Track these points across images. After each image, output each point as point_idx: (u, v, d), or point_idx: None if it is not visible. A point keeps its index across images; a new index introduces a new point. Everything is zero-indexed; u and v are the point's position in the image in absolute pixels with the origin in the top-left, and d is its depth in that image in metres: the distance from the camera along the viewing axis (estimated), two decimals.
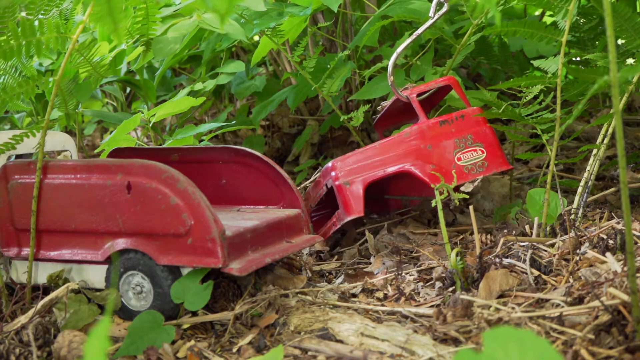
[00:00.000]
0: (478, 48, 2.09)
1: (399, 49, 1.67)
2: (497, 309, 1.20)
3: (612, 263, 1.24)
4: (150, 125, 1.90)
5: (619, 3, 1.51)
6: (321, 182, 1.68)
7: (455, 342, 1.14)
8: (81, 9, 1.73)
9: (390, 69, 1.66)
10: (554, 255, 1.37)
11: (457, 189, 1.50)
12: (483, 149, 1.57)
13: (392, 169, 1.60)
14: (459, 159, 1.56)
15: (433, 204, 1.43)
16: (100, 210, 1.32)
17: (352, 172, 1.60)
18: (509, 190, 1.85)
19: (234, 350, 1.21)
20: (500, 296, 1.28)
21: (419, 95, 1.66)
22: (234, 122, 2.33)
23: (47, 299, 1.28)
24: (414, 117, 1.73)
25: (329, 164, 1.64)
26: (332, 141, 2.60)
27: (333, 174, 1.62)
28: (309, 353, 1.16)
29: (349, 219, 1.59)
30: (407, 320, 1.27)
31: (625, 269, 1.19)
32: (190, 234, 1.25)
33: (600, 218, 1.54)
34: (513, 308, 1.19)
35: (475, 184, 1.56)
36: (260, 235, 1.36)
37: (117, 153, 1.67)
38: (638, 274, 1.10)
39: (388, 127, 1.96)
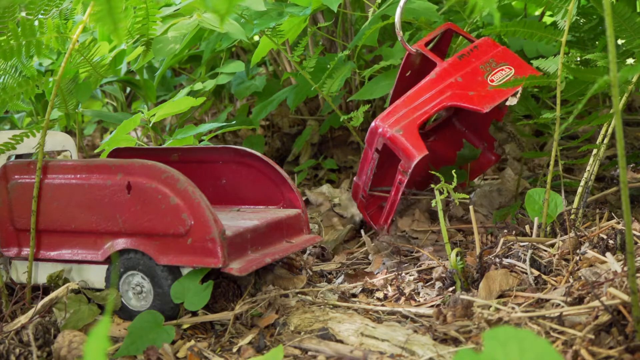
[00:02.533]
0: None
1: (402, 2, 1.66)
2: (497, 309, 1.20)
3: (612, 263, 1.24)
4: (150, 125, 1.89)
5: (618, 3, 1.51)
6: (369, 152, 1.63)
7: (455, 342, 1.14)
8: (81, 9, 1.73)
9: (397, 24, 1.66)
10: (554, 255, 1.37)
11: (497, 113, 1.44)
12: (510, 66, 1.57)
13: (435, 108, 1.57)
14: (492, 81, 1.56)
15: (433, 204, 1.43)
16: (100, 210, 1.32)
17: (398, 121, 1.56)
18: (516, 184, 1.87)
19: (234, 350, 1.21)
20: (500, 296, 1.28)
21: (426, 45, 1.67)
22: (234, 122, 2.33)
23: (47, 299, 1.28)
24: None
25: (372, 126, 1.59)
26: (332, 141, 2.60)
27: (380, 130, 1.56)
28: (309, 353, 1.16)
29: (414, 162, 1.52)
30: (407, 320, 1.27)
31: (625, 269, 1.19)
32: (190, 234, 1.25)
33: (600, 218, 1.54)
34: (513, 308, 1.19)
35: (518, 96, 1.56)
36: (260, 235, 1.37)
37: (117, 153, 1.67)
38: (638, 274, 1.10)
39: None
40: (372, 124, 1.59)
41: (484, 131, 1.90)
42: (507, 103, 1.56)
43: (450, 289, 1.37)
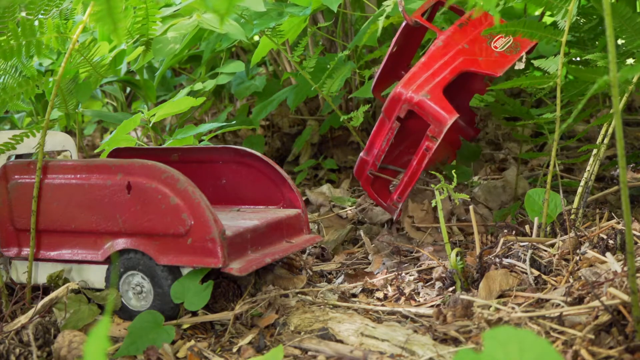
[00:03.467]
0: None
1: None
2: (497, 309, 1.20)
3: (612, 263, 1.24)
4: (150, 125, 1.89)
5: (618, 3, 1.51)
6: (387, 123, 1.59)
7: (455, 342, 1.14)
8: (81, 9, 1.73)
9: None
10: (554, 255, 1.37)
11: (480, 87, 1.44)
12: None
13: (452, 74, 1.54)
14: (496, 47, 1.55)
15: (433, 204, 1.43)
16: (100, 210, 1.32)
17: (422, 86, 1.53)
18: (514, 184, 1.86)
19: (234, 350, 1.21)
20: (500, 296, 1.28)
21: (422, 15, 1.66)
22: (234, 122, 2.33)
23: (47, 299, 1.28)
24: (407, 68, 1.72)
25: (393, 93, 1.56)
26: (332, 141, 2.60)
27: (405, 96, 1.52)
28: (309, 353, 1.16)
29: (447, 126, 1.48)
30: (407, 320, 1.27)
31: (625, 269, 1.19)
32: (190, 234, 1.25)
33: (600, 218, 1.53)
34: (513, 308, 1.19)
35: (523, 60, 1.55)
36: (260, 235, 1.37)
37: (117, 153, 1.67)
38: (638, 274, 1.10)
39: (385, 88, 1.92)
40: (393, 91, 1.55)
41: (464, 107, 1.86)
42: (516, 67, 1.55)
43: (450, 289, 1.37)
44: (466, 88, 1.82)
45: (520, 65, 1.55)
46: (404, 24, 1.71)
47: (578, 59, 1.80)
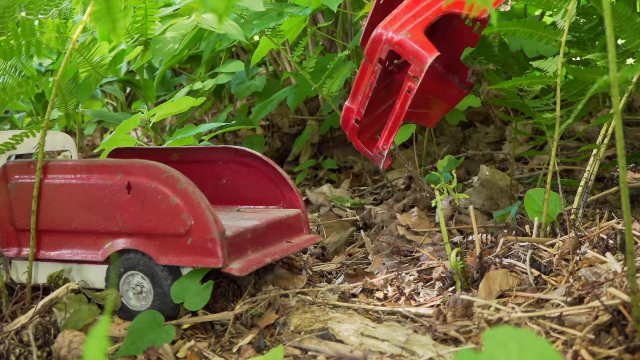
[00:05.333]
0: (478, 48, 2.09)
1: None
2: (497, 309, 1.20)
3: (612, 263, 1.24)
4: (150, 125, 1.89)
5: (618, 3, 1.51)
6: (369, 66, 1.55)
7: (455, 342, 1.14)
8: (80, 8, 1.73)
9: None
10: (554, 255, 1.37)
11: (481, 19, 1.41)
12: None
13: (435, 14, 1.51)
14: None
15: (433, 204, 1.43)
16: (100, 210, 1.32)
17: (403, 26, 1.50)
18: (509, 185, 1.86)
19: (234, 350, 1.21)
20: (500, 296, 1.28)
21: None
22: (234, 122, 2.33)
23: (47, 299, 1.28)
24: None
25: (374, 34, 1.52)
26: (332, 141, 2.60)
27: (386, 36, 1.49)
28: (309, 353, 1.16)
29: (427, 64, 1.45)
30: (407, 320, 1.27)
31: (625, 269, 1.19)
32: (190, 234, 1.25)
33: (600, 218, 1.54)
34: (513, 308, 1.19)
35: (509, 3, 1.52)
36: (260, 235, 1.37)
37: (117, 153, 1.67)
38: (638, 274, 1.10)
39: None
40: (375, 32, 1.52)
41: (455, 62, 1.82)
42: (502, 9, 1.52)
43: (450, 289, 1.37)
44: (456, 41, 1.79)
45: (506, 8, 1.52)
46: None
47: (578, 59, 1.80)
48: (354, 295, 1.43)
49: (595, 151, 1.56)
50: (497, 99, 1.64)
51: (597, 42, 1.72)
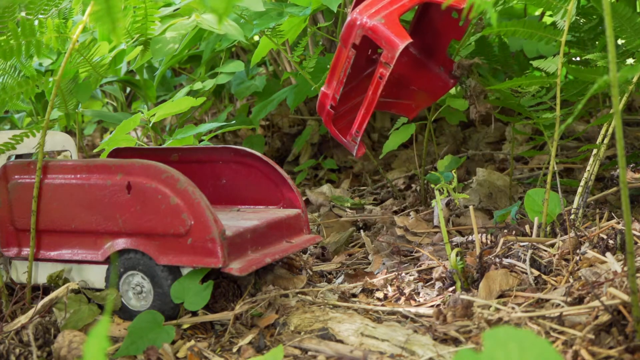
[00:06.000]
0: (478, 48, 2.09)
1: None
2: (497, 309, 1.20)
3: (612, 263, 1.24)
4: (150, 125, 1.89)
5: (618, 3, 1.51)
6: (343, 51, 1.53)
7: (455, 342, 1.14)
8: (80, 8, 1.73)
9: None
10: (554, 255, 1.37)
11: (456, 32, 1.44)
12: None
13: (412, 1, 1.50)
14: None
15: (433, 204, 1.43)
16: (100, 210, 1.32)
17: (378, 12, 1.48)
18: (508, 184, 1.85)
19: (234, 350, 1.21)
20: (500, 296, 1.28)
21: None
22: (234, 122, 2.33)
23: (47, 299, 1.28)
24: None
25: (349, 19, 1.51)
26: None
27: (360, 22, 1.48)
28: (309, 353, 1.16)
29: (398, 50, 1.44)
30: (407, 320, 1.26)
31: (625, 269, 1.19)
32: (190, 234, 1.25)
33: (600, 218, 1.54)
34: (513, 308, 1.19)
35: None
36: (260, 235, 1.36)
37: (117, 153, 1.67)
38: (638, 274, 1.10)
39: None
40: (349, 17, 1.51)
41: (440, 54, 1.81)
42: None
43: (450, 289, 1.37)
44: (442, 34, 1.78)
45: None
46: None
47: (578, 59, 1.80)
48: (354, 295, 1.43)
49: (595, 151, 1.56)
50: (487, 98, 1.63)
51: (597, 42, 1.72)
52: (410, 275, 1.49)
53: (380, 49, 1.64)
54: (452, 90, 1.80)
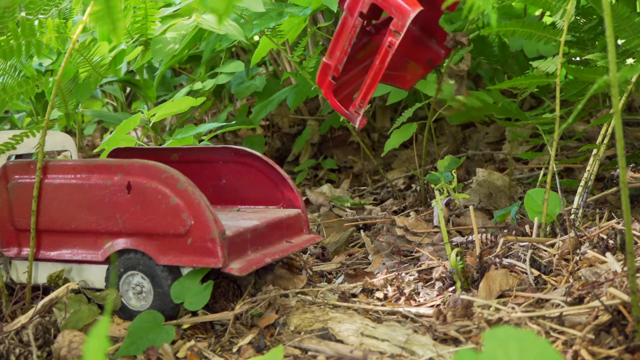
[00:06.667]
0: (478, 48, 2.09)
1: None
2: (497, 309, 1.20)
3: (612, 263, 1.24)
4: (150, 125, 1.90)
5: (618, 3, 1.51)
6: (349, 20, 1.49)
7: (455, 342, 1.14)
8: (80, 8, 1.73)
9: None
10: (554, 255, 1.37)
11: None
12: None
13: None
14: None
15: (433, 204, 1.43)
16: (100, 210, 1.32)
17: None
18: (507, 185, 1.85)
19: (234, 350, 1.21)
20: (500, 296, 1.28)
21: None
22: (234, 122, 2.33)
23: (47, 299, 1.28)
24: None
25: None
26: (332, 141, 2.60)
27: None
28: (309, 353, 1.16)
29: (410, 18, 1.40)
30: (407, 320, 1.27)
31: (625, 269, 1.19)
32: (190, 234, 1.25)
33: (600, 218, 1.54)
34: (513, 308, 1.19)
35: None
36: (260, 235, 1.36)
37: (117, 153, 1.67)
38: (638, 274, 1.10)
39: None
40: None
41: (433, 26, 1.77)
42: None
43: (450, 289, 1.37)
44: (434, 6, 1.77)
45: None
46: None
47: (578, 59, 1.80)
48: (354, 295, 1.43)
49: (595, 151, 1.56)
50: (496, 108, 1.63)
51: (597, 42, 1.72)
52: (410, 275, 1.49)
53: (374, 20, 1.63)
54: (453, 91, 1.80)
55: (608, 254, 1.28)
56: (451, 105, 1.89)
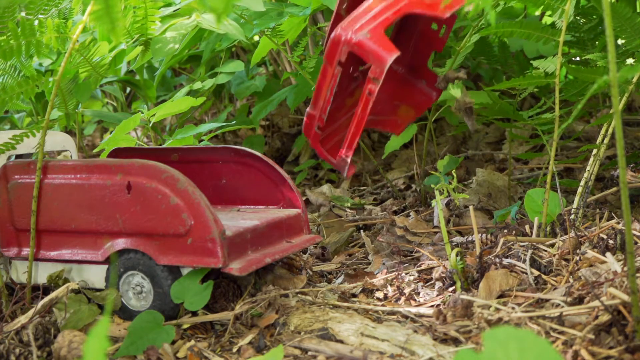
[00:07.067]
0: (478, 48, 2.09)
1: None
2: (497, 309, 1.20)
3: (612, 263, 1.24)
4: (150, 125, 1.89)
5: (618, 3, 1.51)
6: (329, 69, 1.51)
7: (455, 342, 1.14)
8: (80, 8, 1.73)
9: None
10: (554, 255, 1.37)
11: (447, 21, 1.41)
12: None
13: (395, 15, 1.46)
14: None
15: (433, 204, 1.43)
16: (100, 210, 1.32)
17: (363, 27, 1.45)
18: (508, 185, 1.85)
19: (234, 350, 1.21)
20: (500, 296, 1.28)
21: None
22: (234, 122, 2.33)
23: (47, 299, 1.28)
24: None
25: (333, 36, 1.48)
26: None
27: (345, 37, 1.46)
28: (309, 353, 1.16)
29: (387, 64, 1.41)
30: (407, 320, 1.27)
31: (625, 269, 1.19)
32: (190, 234, 1.25)
33: (600, 218, 1.54)
34: (513, 308, 1.19)
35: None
36: (260, 235, 1.36)
37: (117, 153, 1.67)
38: (638, 274, 1.10)
39: None
40: (333, 34, 1.48)
41: (422, 68, 1.78)
42: (466, 9, 1.50)
43: (450, 289, 1.37)
44: (422, 47, 1.77)
45: (470, 7, 1.49)
46: None
47: (578, 59, 1.80)
48: (354, 295, 1.43)
49: (595, 151, 1.56)
50: (474, 113, 1.63)
51: (597, 42, 1.72)
52: (410, 275, 1.49)
53: (361, 66, 1.64)
54: (453, 92, 1.80)
55: (608, 254, 1.28)
56: (450, 106, 1.88)
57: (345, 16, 1.60)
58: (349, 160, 1.51)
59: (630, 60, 1.59)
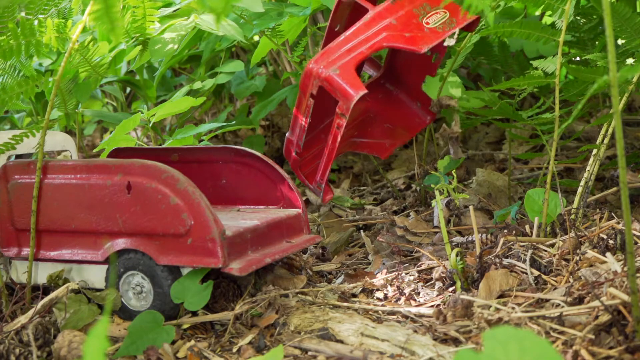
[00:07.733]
0: (478, 48, 2.09)
1: None
2: (497, 309, 1.20)
3: (612, 263, 1.24)
4: (150, 125, 1.89)
5: (618, 3, 1.51)
6: (303, 99, 1.54)
7: (455, 342, 1.14)
8: (80, 8, 1.73)
9: None
10: (554, 255, 1.37)
11: (439, 48, 1.41)
12: (445, 10, 1.50)
13: (370, 49, 1.50)
14: (427, 23, 1.48)
15: (433, 204, 1.43)
16: (100, 210, 1.32)
17: (334, 62, 1.48)
18: (508, 185, 1.85)
19: (234, 350, 1.21)
20: (500, 296, 1.28)
21: None
22: (234, 122, 2.33)
23: (47, 299, 1.28)
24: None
25: (306, 69, 1.51)
26: None
27: (315, 72, 1.48)
28: (309, 353, 1.16)
29: (353, 101, 1.43)
30: (407, 320, 1.26)
31: (625, 269, 1.19)
32: (190, 234, 1.25)
33: (600, 218, 1.53)
34: (513, 308, 1.19)
35: (455, 37, 1.51)
36: (260, 235, 1.36)
37: (117, 153, 1.67)
38: (638, 274, 1.10)
39: None
40: (307, 66, 1.51)
41: (416, 90, 1.81)
42: (445, 44, 1.50)
43: (450, 289, 1.37)
44: (415, 71, 1.77)
45: (451, 42, 1.50)
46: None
47: (578, 59, 1.80)
48: (354, 295, 1.43)
49: (595, 151, 1.56)
50: (492, 111, 1.64)
51: (597, 42, 1.72)
52: (410, 275, 1.49)
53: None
54: (453, 92, 1.80)
55: (608, 254, 1.28)
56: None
57: (342, 32, 1.63)
58: (323, 187, 1.54)
59: (630, 60, 1.59)
